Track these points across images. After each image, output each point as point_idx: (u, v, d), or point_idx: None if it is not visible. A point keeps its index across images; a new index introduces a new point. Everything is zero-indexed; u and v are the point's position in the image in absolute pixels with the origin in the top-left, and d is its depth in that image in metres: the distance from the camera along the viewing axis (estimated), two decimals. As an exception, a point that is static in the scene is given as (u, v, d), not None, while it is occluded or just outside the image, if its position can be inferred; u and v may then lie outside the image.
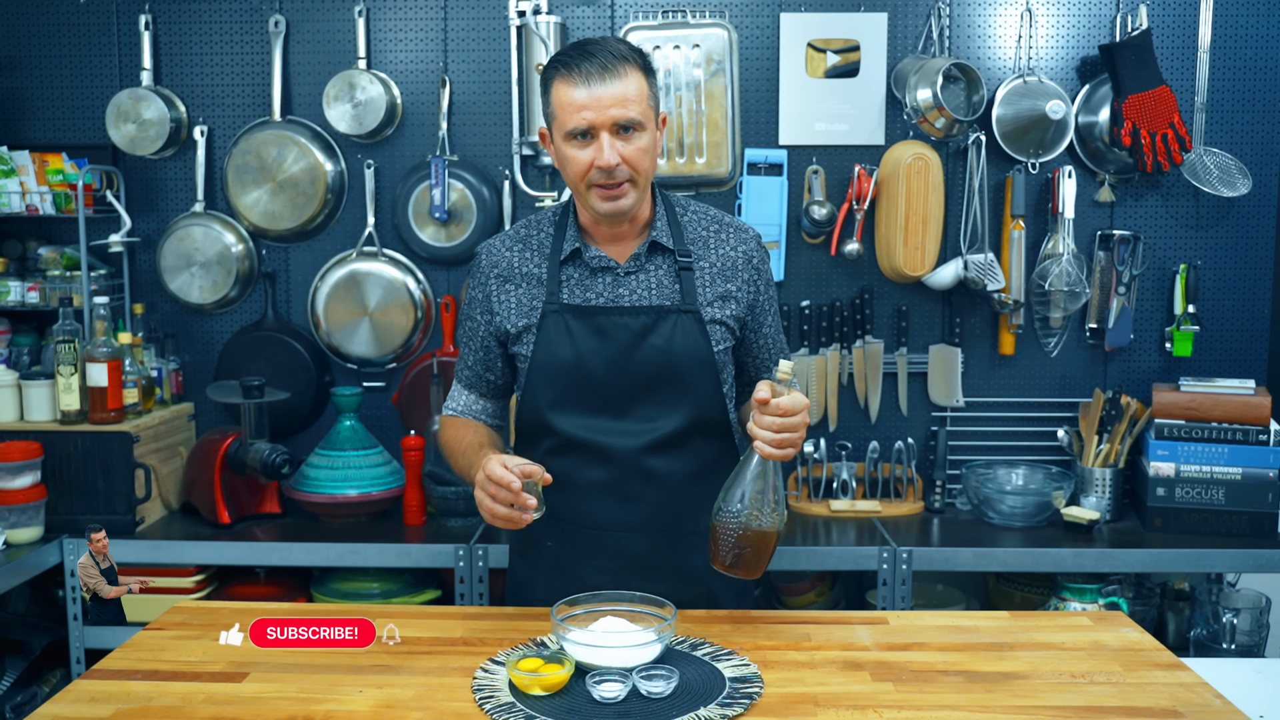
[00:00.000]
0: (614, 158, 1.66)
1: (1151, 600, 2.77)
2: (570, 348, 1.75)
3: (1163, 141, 2.78)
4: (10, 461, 2.54)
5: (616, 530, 1.78)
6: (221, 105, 3.00)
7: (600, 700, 1.40)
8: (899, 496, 2.89)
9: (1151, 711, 1.40)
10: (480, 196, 2.93)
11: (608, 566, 1.77)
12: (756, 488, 1.55)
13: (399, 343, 2.97)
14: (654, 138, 1.73)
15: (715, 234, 1.83)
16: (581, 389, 1.76)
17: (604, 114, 1.66)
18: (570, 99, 1.67)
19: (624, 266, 1.78)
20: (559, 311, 1.77)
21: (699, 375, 1.77)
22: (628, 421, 1.76)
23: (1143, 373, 2.99)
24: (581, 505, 1.78)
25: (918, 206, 2.79)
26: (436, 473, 2.82)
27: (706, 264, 1.81)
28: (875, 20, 2.89)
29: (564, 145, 1.71)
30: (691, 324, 1.76)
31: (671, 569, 1.79)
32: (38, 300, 2.91)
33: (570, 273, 1.79)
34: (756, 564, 1.58)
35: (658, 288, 1.78)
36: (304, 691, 1.45)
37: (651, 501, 1.78)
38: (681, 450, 1.78)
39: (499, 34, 2.94)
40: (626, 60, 1.68)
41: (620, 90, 1.66)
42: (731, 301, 1.80)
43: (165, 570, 2.70)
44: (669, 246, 1.79)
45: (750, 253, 1.84)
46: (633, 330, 1.75)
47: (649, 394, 1.76)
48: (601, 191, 1.70)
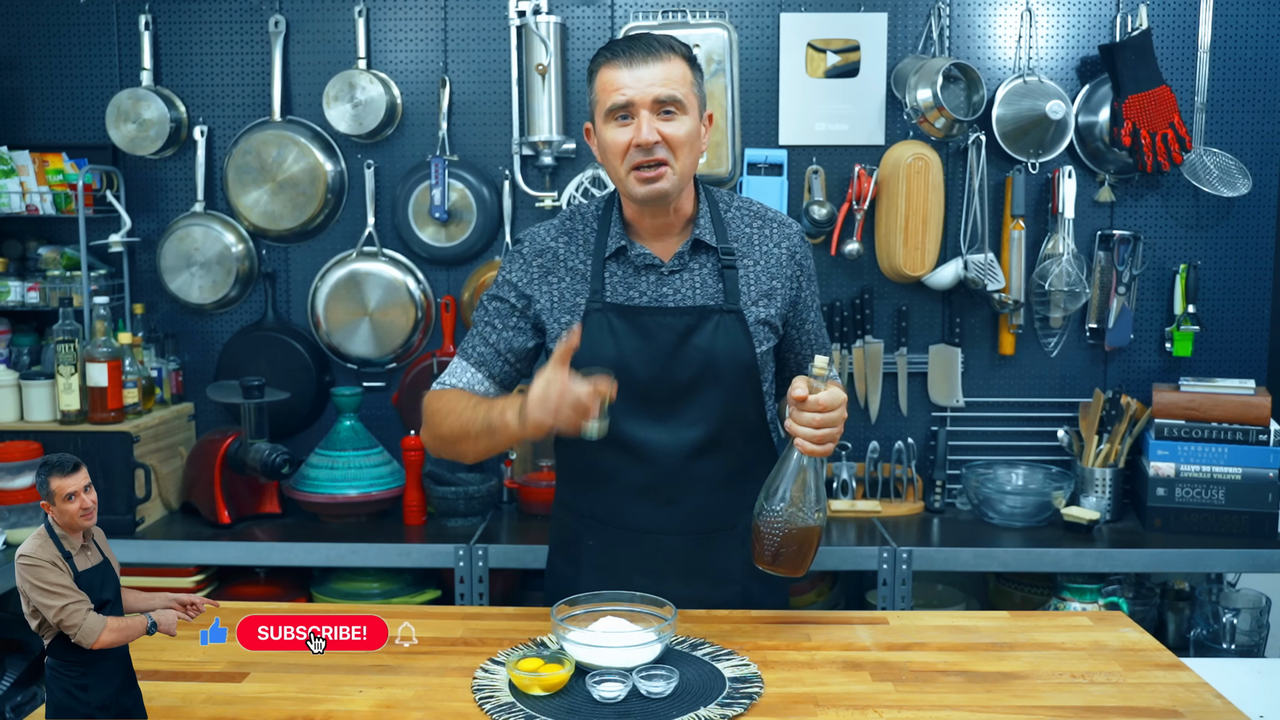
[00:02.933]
0: (652, 134, 1.65)
1: (1151, 600, 2.77)
2: (613, 347, 1.73)
3: (1163, 141, 2.78)
4: (10, 461, 2.55)
5: (657, 532, 1.78)
6: (221, 105, 3.00)
7: (600, 700, 1.40)
8: (899, 496, 2.89)
9: (1151, 711, 1.40)
10: (480, 196, 2.93)
11: (648, 567, 1.77)
12: (798, 485, 1.55)
13: (399, 343, 2.97)
14: (696, 126, 1.72)
15: (759, 230, 1.82)
16: (624, 390, 1.70)
17: (644, 91, 1.66)
18: (612, 79, 1.68)
19: (668, 265, 1.76)
20: (603, 310, 1.75)
21: (741, 377, 1.76)
22: (669, 423, 1.75)
23: (1143, 373, 2.99)
24: (622, 507, 1.78)
25: (918, 206, 2.79)
26: (436, 473, 2.82)
27: (750, 261, 1.79)
28: (875, 20, 2.89)
29: (604, 128, 1.70)
30: (734, 324, 1.75)
31: (710, 570, 1.79)
32: (38, 300, 2.91)
33: (614, 270, 1.77)
34: (800, 561, 1.58)
35: (701, 287, 1.77)
36: (304, 691, 1.45)
37: (691, 503, 1.77)
38: (721, 451, 1.77)
39: (499, 34, 2.94)
40: (671, 48, 1.70)
41: (663, 71, 1.67)
42: (776, 300, 1.79)
43: (165, 570, 2.70)
44: (712, 245, 1.77)
45: (794, 248, 1.82)
46: (676, 331, 1.74)
47: (690, 395, 1.75)
48: (640, 174, 1.68)
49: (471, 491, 2.76)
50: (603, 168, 2.86)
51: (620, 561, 1.79)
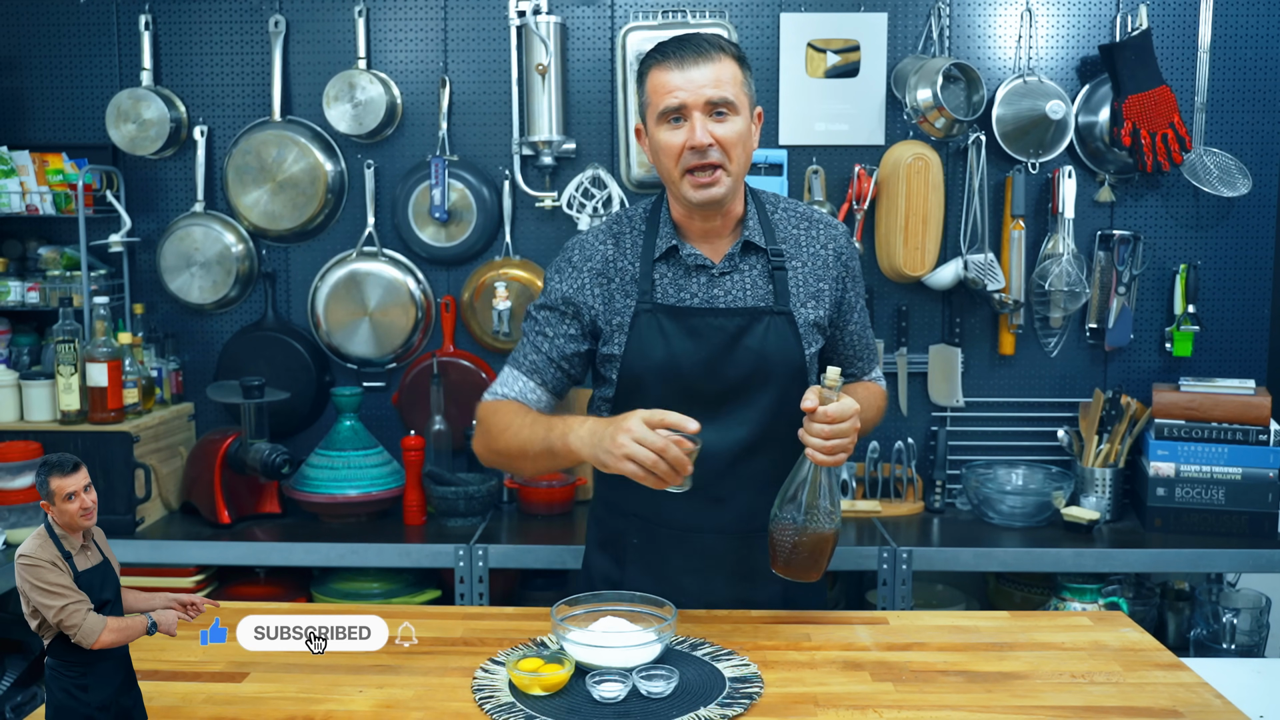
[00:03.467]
0: (706, 137, 1.66)
1: (1151, 600, 2.77)
2: (663, 348, 1.73)
3: (1163, 141, 2.78)
4: (10, 461, 2.55)
5: (703, 531, 1.78)
6: (221, 105, 3.00)
7: (600, 700, 1.40)
8: (899, 496, 2.89)
9: (1151, 711, 1.40)
10: (480, 196, 2.93)
11: (694, 566, 1.78)
12: (810, 493, 1.56)
13: (399, 343, 2.97)
14: (749, 127, 1.73)
15: (806, 231, 1.82)
16: (674, 390, 1.73)
17: (696, 93, 1.66)
18: (664, 81, 1.68)
19: (719, 266, 1.76)
20: (652, 311, 1.75)
21: (790, 377, 1.76)
22: (718, 423, 1.74)
23: (1143, 373, 2.99)
24: (668, 505, 1.76)
25: (918, 206, 2.79)
26: (436, 473, 2.82)
27: (799, 263, 1.80)
28: (875, 20, 2.89)
29: (657, 130, 1.70)
30: (784, 326, 1.75)
31: (755, 569, 1.79)
32: (38, 300, 2.91)
33: (664, 271, 1.77)
34: (814, 567, 1.59)
35: (752, 288, 1.77)
36: (304, 691, 1.45)
37: (738, 503, 1.77)
38: (769, 451, 1.77)
39: (499, 34, 2.94)
40: (721, 49, 1.69)
41: (714, 73, 1.67)
42: (824, 301, 1.80)
43: (165, 570, 2.70)
44: (762, 246, 1.78)
45: (840, 249, 1.83)
46: (728, 332, 1.74)
47: (740, 396, 1.75)
48: (694, 178, 1.69)
49: (471, 491, 2.76)
50: (602, 168, 2.89)
51: (665, 560, 1.79)
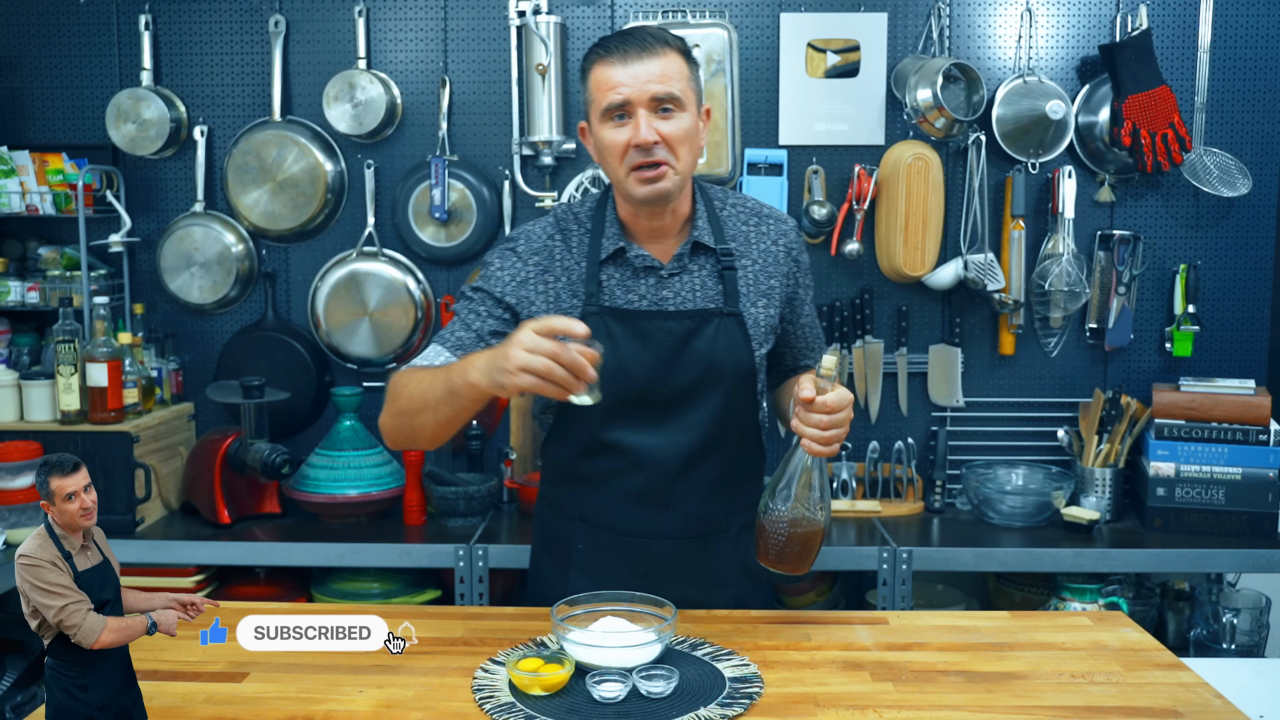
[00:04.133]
0: (651, 134, 1.62)
1: (1151, 600, 2.77)
2: (610, 352, 1.68)
3: (1163, 141, 2.78)
4: (10, 461, 2.55)
5: (651, 537, 1.75)
6: (221, 105, 3.00)
7: (600, 700, 1.40)
8: (899, 496, 2.89)
9: (1151, 711, 1.40)
10: (480, 196, 2.93)
11: (641, 571, 1.74)
12: (803, 484, 1.55)
13: (399, 343, 2.97)
14: (695, 123, 1.68)
15: (755, 227, 1.79)
16: (621, 394, 1.69)
17: (641, 89, 1.62)
18: (607, 77, 1.65)
19: (667, 267, 1.73)
20: (599, 314, 1.70)
21: (739, 380, 1.73)
22: (665, 428, 1.72)
23: (1143, 373, 2.99)
24: (615, 511, 1.75)
25: (918, 206, 2.79)
26: (436, 473, 2.82)
27: (748, 260, 1.77)
28: (875, 20, 2.89)
29: (601, 128, 1.67)
30: (734, 328, 1.73)
31: (704, 573, 1.78)
32: (38, 300, 2.91)
33: (611, 272, 1.73)
34: (804, 560, 1.58)
35: (701, 289, 1.74)
36: (304, 691, 1.45)
37: (687, 508, 1.75)
38: (718, 455, 1.75)
39: (499, 34, 2.94)
40: (666, 43, 1.66)
41: (659, 68, 1.63)
42: (774, 298, 1.77)
43: (165, 570, 2.70)
44: (711, 246, 1.74)
45: (790, 244, 1.81)
46: (677, 335, 1.71)
47: (689, 400, 1.72)
48: (639, 174, 1.64)
49: (471, 491, 2.76)
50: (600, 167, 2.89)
51: (612, 566, 1.76)
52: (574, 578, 1.79)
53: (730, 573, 1.79)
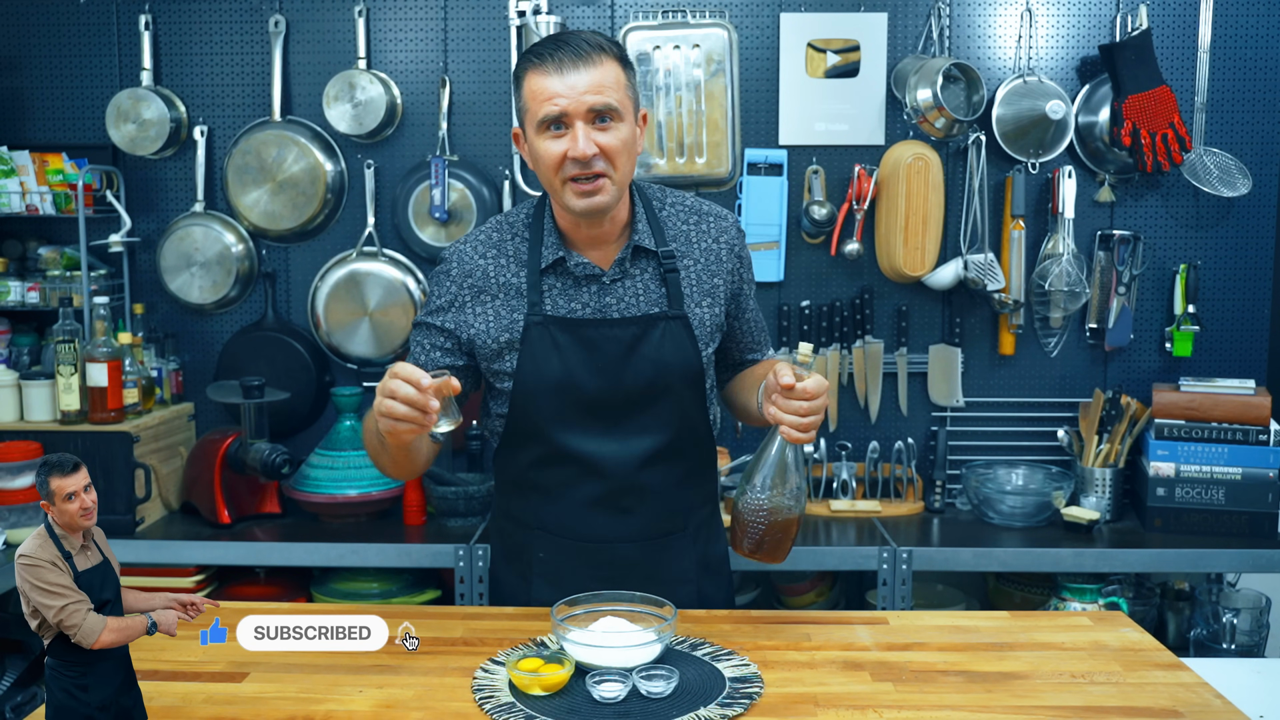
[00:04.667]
0: (590, 147, 1.58)
1: (1151, 600, 2.77)
2: (558, 362, 1.68)
3: (1163, 141, 2.78)
4: (10, 461, 2.55)
5: (611, 541, 1.75)
6: (221, 105, 3.00)
7: (600, 700, 1.40)
8: (899, 496, 2.89)
9: (1151, 711, 1.40)
10: (480, 196, 2.93)
11: (603, 576, 1.73)
12: (779, 472, 1.55)
13: (399, 343, 2.97)
14: (633, 131, 1.65)
15: (695, 225, 1.77)
16: (571, 403, 1.69)
17: (578, 100, 1.57)
18: (542, 87, 1.59)
19: (609, 274, 1.70)
20: (543, 324, 1.68)
21: (689, 382, 1.73)
22: (619, 434, 1.71)
23: (1143, 373, 2.99)
24: (574, 519, 1.75)
25: (918, 206, 2.79)
26: (436, 473, 2.82)
27: (690, 260, 1.75)
28: (875, 20, 2.89)
29: (536, 138, 1.62)
30: (680, 330, 1.72)
31: (664, 573, 1.78)
32: (38, 300, 2.91)
33: (552, 282, 1.71)
34: (780, 548, 1.59)
35: (645, 294, 1.72)
36: (304, 691, 1.45)
37: (645, 511, 1.75)
38: (673, 458, 1.75)
39: (499, 34, 2.94)
40: (602, 50, 1.60)
41: (596, 78, 1.58)
42: (719, 297, 1.76)
43: (165, 570, 2.71)
44: (652, 249, 1.73)
45: (731, 240, 1.79)
46: (623, 342, 1.69)
47: (640, 405, 1.71)
48: (577, 186, 1.61)
49: (471, 491, 2.76)
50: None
51: (574, 571, 1.75)
52: (536, 586, 1.78)
53: (690, 570, 1.80)
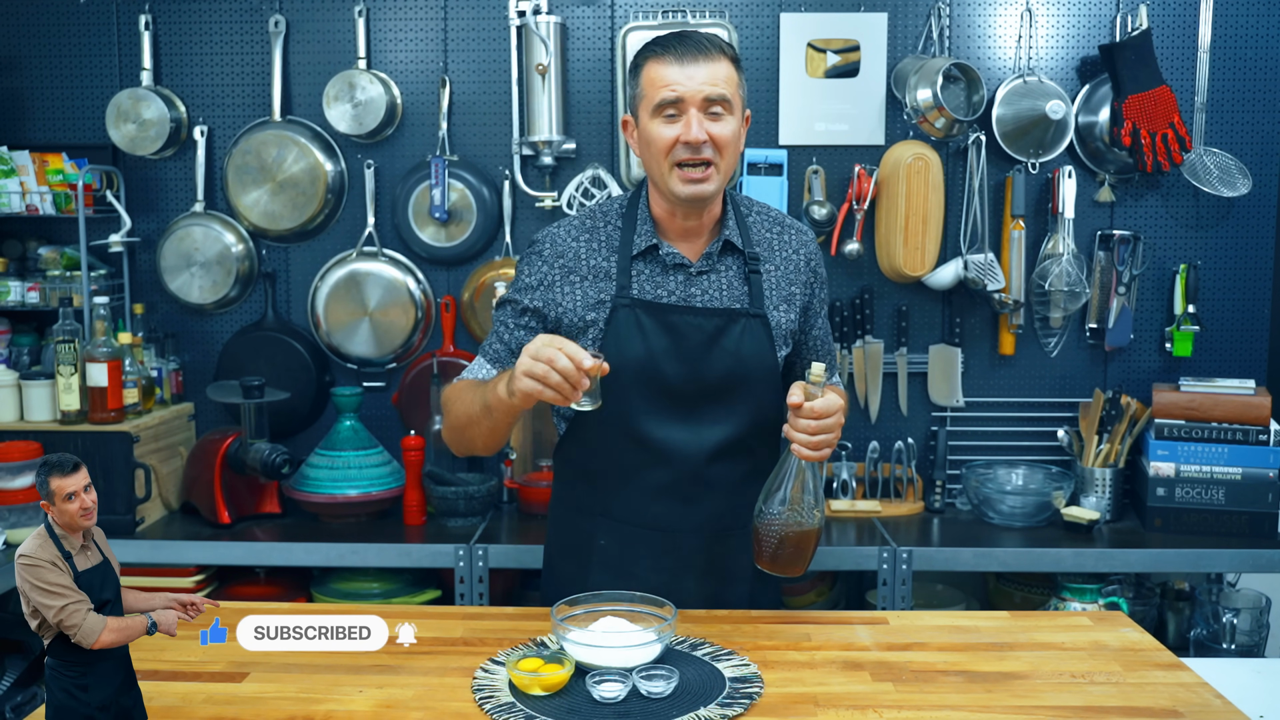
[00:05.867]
0: (701, 133, 1.65)
1: (1151, 600, 2.77)
2: (641, 344, 1.72)
3: (1163, 141, 2.78)
4: (10, 461, 2.55)
5: (675, 531, 1.77)
6: (221, 105, 3.00)
7: (600, 700, 1.40)
8: (899, 496, 2.89)
9: (1151, 711, 1.40)
10: (480, 196, 2.93)
11: (664, 566, 1.77)
12: (795, 488, 1.57)
13: (399, 343, 2.97)
14: (740, 128, 1.72)
15: (779, 235, 1.83)
16: (650, 388, 1.73)
17: (695, 88, 1.65)
18: (661, 74, 1.67)
19: (697, 265, 1.76)
20: (630, 306, 1.73)
21: (764, 380, 1.77)
22: (692, 423, 1.74)
23: (1143, 373, 2.99)
24: (641, 506, 1.77)
25: (918, 206, 2.79)
26: (436, 473, 2.82)
27: (772, 266, 1.80)
28: (875, 20, 2.89)
29: (650, 122, 1.69)
30: (759, 329, 1.76)
31: (723, 569, 1.80)
32: (38, 300, 2.91)
33: (640, 268, 1.76)
34: (798, 562, 1.60)
35: (728, 289, 1.77)
36: (304, 691, 1.45)
37: (710, 503, 1.77)
38: (742, 454, 1.77)
39: (499, 34, 2.94)
40: (720, 49, 1.69)
41: (713, 71, 1.66)
42: (795, 305, 1.81)
43: (165, 570, 2.71)
44: (740, 247, 1.78)
45: (810, 255, 1.85)
46: (705, 332, 1.74)
47: (715, 398, 1.75)
48: (684, 173, 1.68)
49: (471, 491, 2.76)
50: (602, 168, 2.89)
51: (634, 560, 1.78)
52: (595, 574, 1.80)
53: (746, 569, 1.81)
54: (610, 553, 1.80)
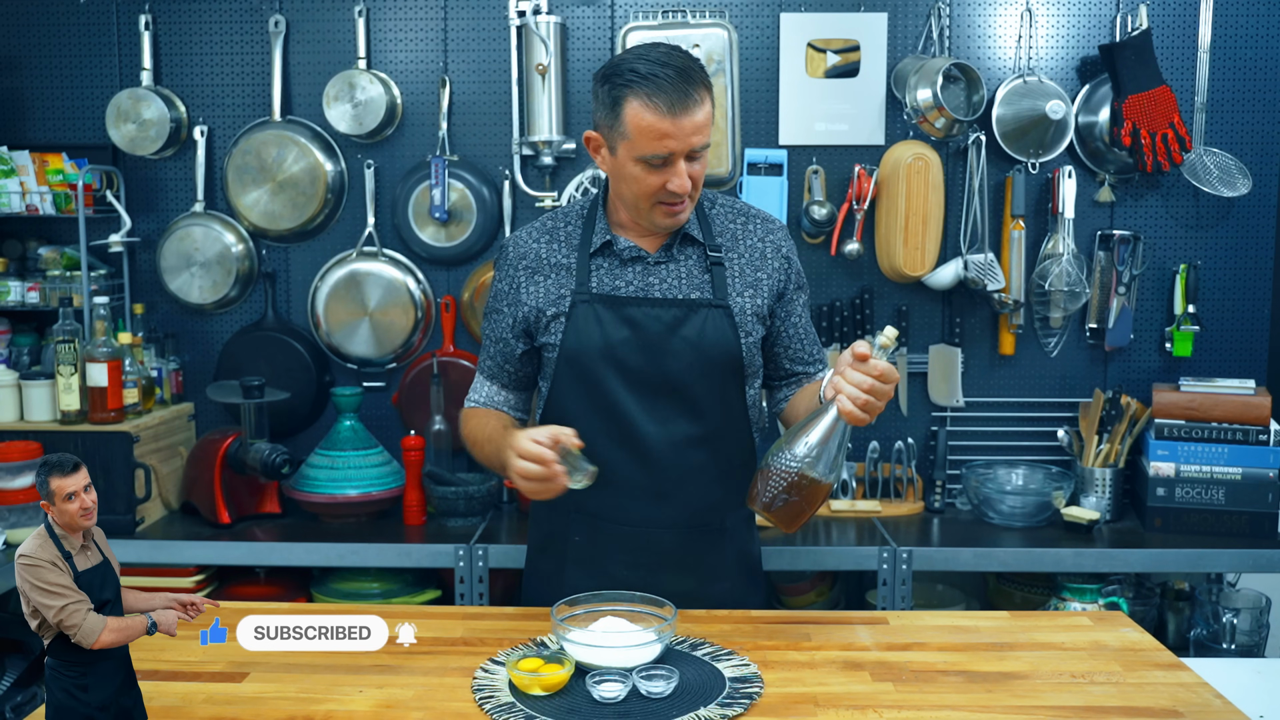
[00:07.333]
0: (688, 184, 1.68)
1: (1151, 600, 2.77)
2: (600, 337, 1.74)
3: (1163, 141, 2.78)
4: (10, 461, 2.55)
5: (649, 526, 1.78)
6: (221, 105, 3.00)
7: (600, 700, 1.40)
8: (899, 496, 2.89)
9: (1151, 711, 1.40)
10: (480, 196, 2.93)
11: (638, 562, 1.77)
12: (822, 439, 1.49)
13: (399, 343, 2.97)
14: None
15: (743, 226, 1.83)
16: (612, 380, 1.74)
17: (685, 141, 1.65)
18: (652, 125, 1.64)
19: (654, 256, 1.78)
20: (589, 301, 1.76)
21: (729, 371, 1.77)
22: (658, 416, 1.75)
23: (1143, 373, 2.99)
24: (612, 501, 1.77)
25: (918, 206, 2.79)
26: (436, 473, 2.82)
27: (735, 255, 1.81)
28: (875, 20, 2.89)
29: (633, 166, 1.68)
30: (722, 319, 1.76)
31: (698, 565, 1.80)
32: (38, 300, 2.91)
33: (600, 263, 1.79)
34: (798, 515, 1.52)
35: (688, 278, 1.78)
36: (304, 691, 1.45)
37: (684, 498, 1.77)
38: (711, 445, 1.78)
39: (499, 34, 2.94)
40: (702, 86, 1.67)
41: (701, 119, 1.66)
42: (762, 290, 1.80)
43: (165, 570, 2.70)
44: (699, 239, 1.79)
45: (779, 243, 1.84)
46: (664, 322, 1.74)
47: (680, 389, 1.75)
48: (666, 209, 1.71)
49: (471, 491, 2.76)
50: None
51: (609, 557, 1.78)
52: (570, 573, 1.80)
53: (727, 566, 1.81)
54: (584, 549, 1.81)
